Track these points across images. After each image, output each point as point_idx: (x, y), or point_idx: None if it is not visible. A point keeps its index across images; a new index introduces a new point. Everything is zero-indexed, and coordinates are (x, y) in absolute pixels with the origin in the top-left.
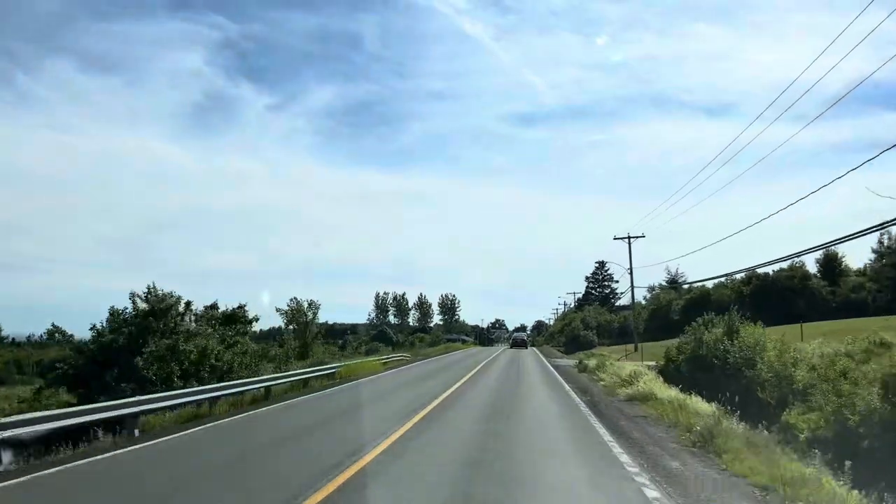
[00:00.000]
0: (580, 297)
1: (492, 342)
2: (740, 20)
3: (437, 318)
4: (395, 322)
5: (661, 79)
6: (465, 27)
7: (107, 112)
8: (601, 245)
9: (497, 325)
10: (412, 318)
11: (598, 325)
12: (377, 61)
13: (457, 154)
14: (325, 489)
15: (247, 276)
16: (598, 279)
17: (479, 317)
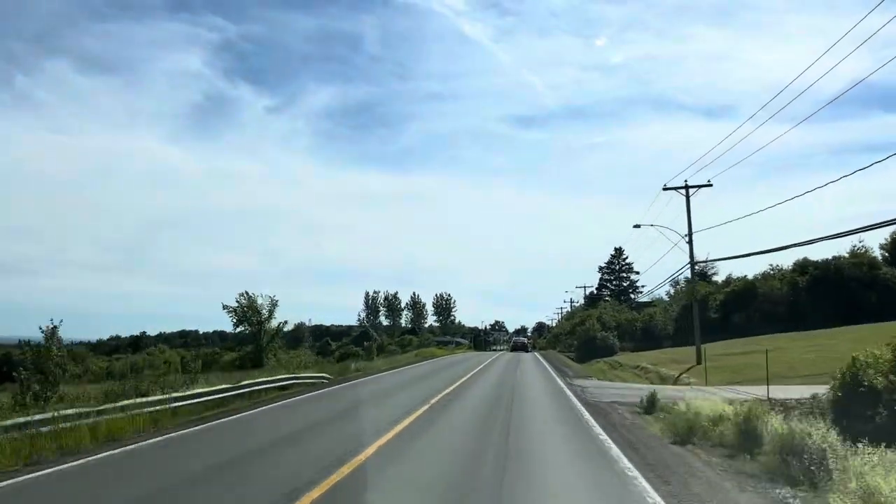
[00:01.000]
0: (592, 290)
1: (488, 345)
2: (740, 21)
3: (431, 319)
4: (387, 324)
5: (660, 80)
6: (464, 28)
7: (106, 113)
8: (601, 245)
9: (496, 327)
10: (405, 318)
11: (617, 324)
12: (377, 62)
13: (456, 155)
14: None
15: (247, 277)
16: (615, 269)
17: (478, 318)
